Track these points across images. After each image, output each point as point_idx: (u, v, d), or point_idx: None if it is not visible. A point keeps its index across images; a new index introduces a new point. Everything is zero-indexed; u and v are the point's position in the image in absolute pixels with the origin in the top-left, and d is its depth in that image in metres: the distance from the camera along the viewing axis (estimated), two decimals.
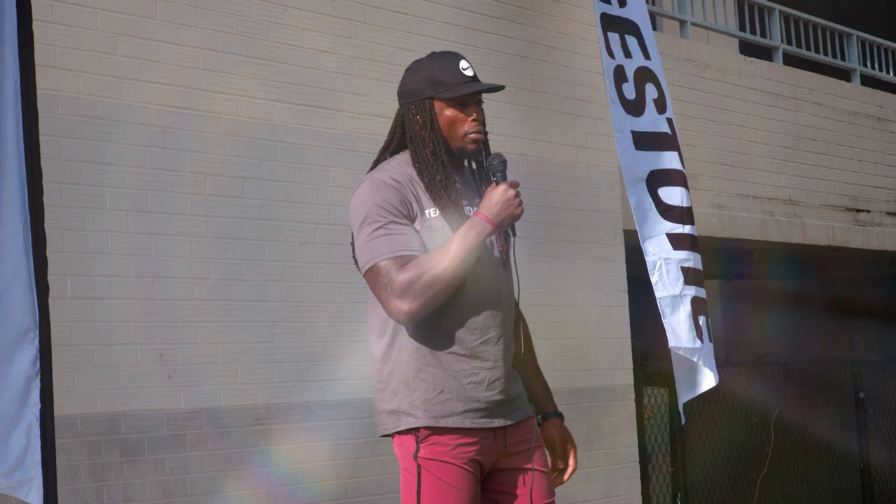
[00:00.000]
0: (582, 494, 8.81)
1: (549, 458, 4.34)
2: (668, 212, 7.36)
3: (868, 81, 13.94)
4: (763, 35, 12.63)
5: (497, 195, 4.09)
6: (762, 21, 12.65)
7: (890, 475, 12.14)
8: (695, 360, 7.15)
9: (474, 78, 4.21)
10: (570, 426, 4.37)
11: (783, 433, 10.89)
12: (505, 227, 4.13)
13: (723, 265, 13.77)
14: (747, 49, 13.17)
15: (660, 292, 7.09)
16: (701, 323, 7.19)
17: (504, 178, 4.15)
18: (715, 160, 10.98)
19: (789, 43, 12.88)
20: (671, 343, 7.11)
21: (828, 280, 17.60)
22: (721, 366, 10.61)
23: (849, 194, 12.74)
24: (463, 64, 4.20)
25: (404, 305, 3.99)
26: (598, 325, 9.19)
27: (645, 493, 9.49)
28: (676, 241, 7.28)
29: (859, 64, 13.79)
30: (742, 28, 12.66)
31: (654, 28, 12.30)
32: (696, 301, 7.21)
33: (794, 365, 11.74)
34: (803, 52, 13.05)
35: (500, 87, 4.26)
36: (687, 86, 10.81)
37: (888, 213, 13.31)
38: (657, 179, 7.31)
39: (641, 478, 9.42)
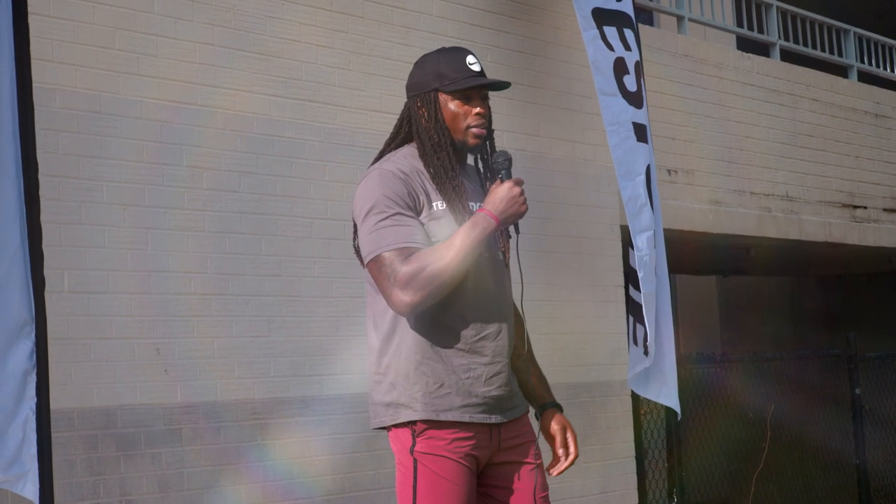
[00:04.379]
0: (578, 489, 8.81)
1: (551, 449, 4.34)
2: (654, 207, 7.37)
3: (865, 78, 13.93)
4: (760, 31, 12.62)
5: (502, 192, 4.10)
6: (759, 17, 12.64)
7: (886, 472, 12.15)
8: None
9: (481, 73, 4.23)
10: None
11: (779, 429, 10.89)
12: (509, 224, 4.14)
13: (719, 261, 13.78)
14: (744, 45, 13.17)
15: (645, 287, 7.11)
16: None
17: (509, 176, 4.16)
18: (712, 156, 10.97)
19: (786, 39, 12.88)
20: (651, 338, 7.12)
21: (824, 276, 17.61)
22: (717, 362, 10.69)
23: (846, 190, 12.73)
24: (470, 59, 4.23)
25: (406, 297, 4.00)
26: (594, 321, 9.18)
27: (641, 489, 9.49)
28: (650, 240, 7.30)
29: (856, 60, 13.79)
30: (739, 24, 12.66)
31: (652, 24, 12.33)
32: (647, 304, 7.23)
33: (791, 361, 11.74)
34: (800, 48, 13.04)
35: (505, 84, 4.28)
36: (684, 81, 10.80)
37: (885, 210, 13.32)
38: (651, 173, 7.33)
39: (638, 473, 9.42)
